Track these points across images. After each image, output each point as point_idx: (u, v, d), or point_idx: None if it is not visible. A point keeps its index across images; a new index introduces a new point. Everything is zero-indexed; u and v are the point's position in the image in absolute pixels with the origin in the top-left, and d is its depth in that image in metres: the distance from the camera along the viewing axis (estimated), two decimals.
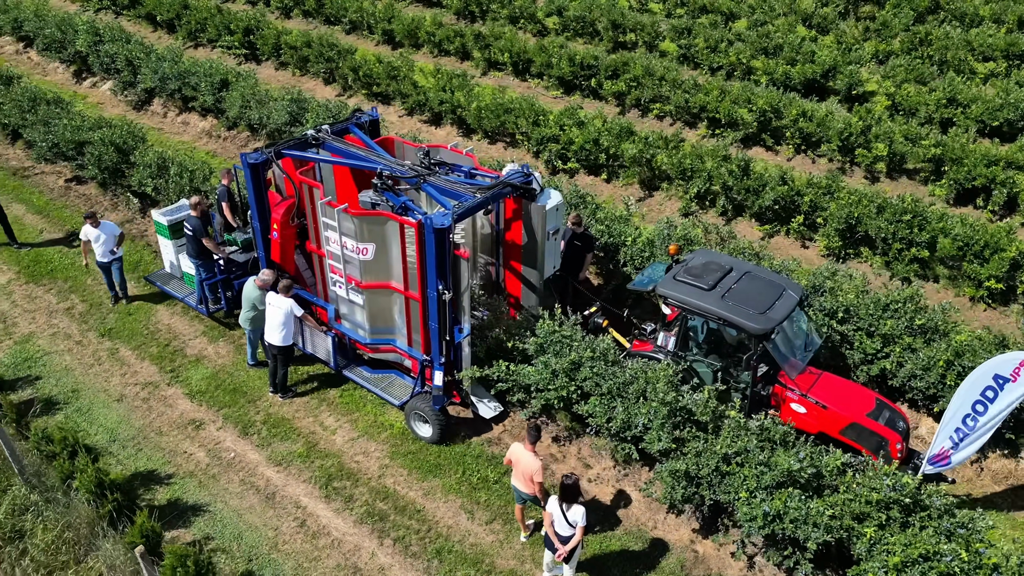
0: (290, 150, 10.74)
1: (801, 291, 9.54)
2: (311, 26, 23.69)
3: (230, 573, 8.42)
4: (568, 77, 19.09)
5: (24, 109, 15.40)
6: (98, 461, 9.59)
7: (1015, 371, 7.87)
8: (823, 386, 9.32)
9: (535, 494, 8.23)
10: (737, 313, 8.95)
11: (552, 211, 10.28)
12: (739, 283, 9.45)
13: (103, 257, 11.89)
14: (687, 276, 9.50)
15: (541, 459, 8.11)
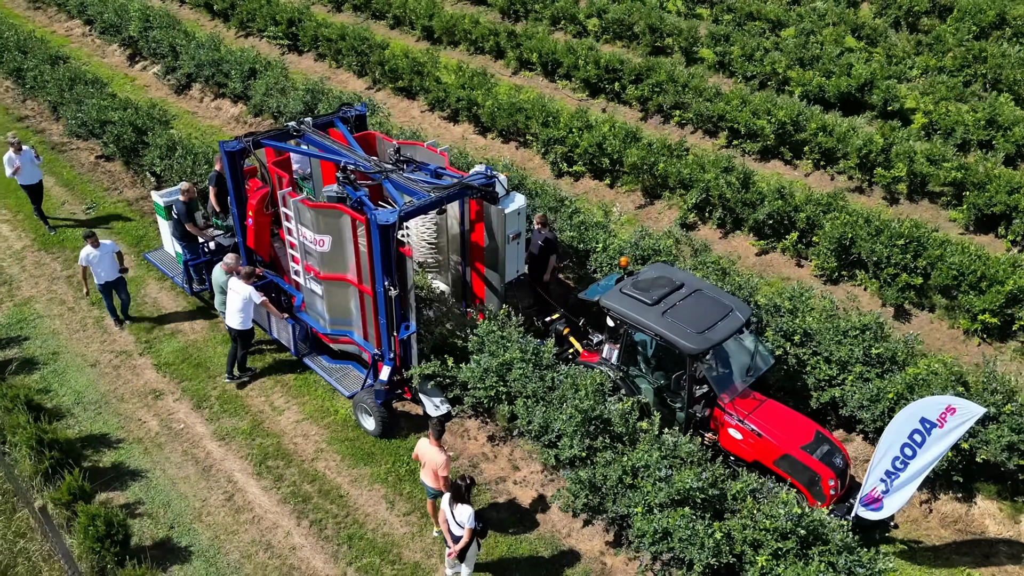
0: (269, 140, 11.10)
1: (749, 313, 9.26)
2: (359, 20, 24.32)
3: (150, 538, 8.84)
4: (593, 80, 18.96)
5: (63, 88, 16.46)
6: (59, 420, 10.24)
7: (941, 416, 7.42)
8: (763, 413, 9.01)
9: (441, 488, 8.32)
10: (673, 330, 8.76)
11: (512, 215, 10.27)
12: (685, 300, 9.24)
13: (108, 277, 11.51)
14: (633, 289, 9.36)
15: (447, 454, 8.19)
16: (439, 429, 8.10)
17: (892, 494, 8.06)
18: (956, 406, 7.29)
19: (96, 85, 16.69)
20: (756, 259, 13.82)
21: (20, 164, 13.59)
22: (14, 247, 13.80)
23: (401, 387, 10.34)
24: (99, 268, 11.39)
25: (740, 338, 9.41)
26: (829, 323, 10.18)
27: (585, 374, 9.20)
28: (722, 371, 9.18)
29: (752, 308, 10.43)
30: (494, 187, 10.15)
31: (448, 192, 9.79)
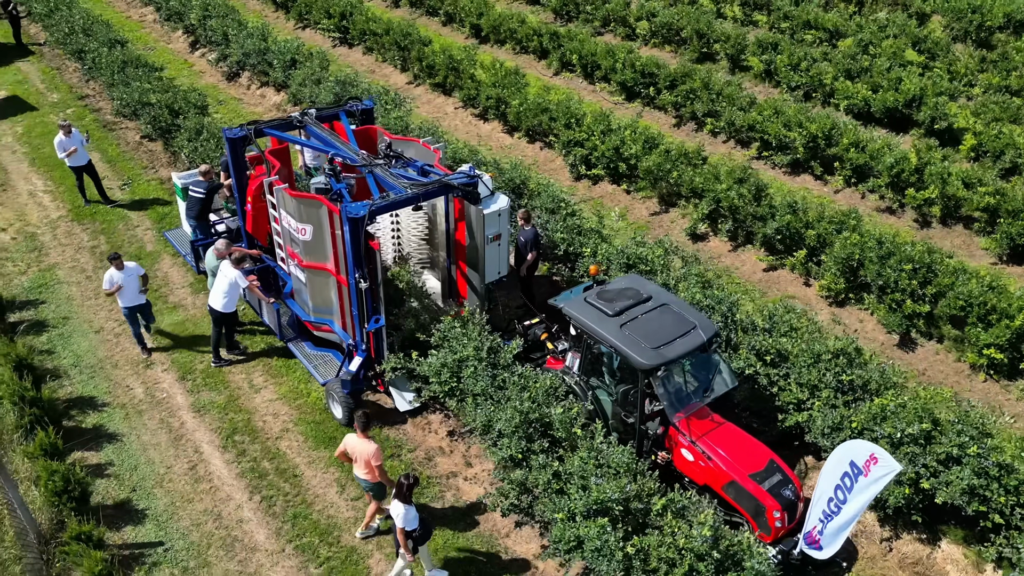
0: (271, 128, 11.48)
1: (713, 331, 8.97)
2: (413, 16, 24.80)
3: (112, 498, 9.35)
4: (630, 83, 18.76)
5: (115, 70, 17.46)
6: (55, 380, 10.93)
7: (866, 464, 7.04)
8: (717, 436, 8.70)
9: (377, 480, 8.47)
10: (628, 343, 8.60)
11: (492, 216, 10.27)
12: (648, 314, 9.04)
13: (133, 302, 11.09)
14: (598, 299, 9.23)
15: (376, 445, 8.33)
16: (364, 422, 8.24)
17: (828, 536, 7.70)
18: (878, 456, 6.90)
19: (145, 68, 17.61)
20: (763, 275, 13.41)
21: (75, 146, 14.23)
22: (51, 216, 14.75)
23: (372, 379, 10.53)
24: (123, 292, 10.97)
25: (704, 357, 9.16)
26: (804, 345, 9.79)
27: (537, 376, 9.17)
28: (678, 389, 8.94)
29: (720, 326, 10.15)
30: (475, 187, 10.17)
31: (426, 189, 9.89)
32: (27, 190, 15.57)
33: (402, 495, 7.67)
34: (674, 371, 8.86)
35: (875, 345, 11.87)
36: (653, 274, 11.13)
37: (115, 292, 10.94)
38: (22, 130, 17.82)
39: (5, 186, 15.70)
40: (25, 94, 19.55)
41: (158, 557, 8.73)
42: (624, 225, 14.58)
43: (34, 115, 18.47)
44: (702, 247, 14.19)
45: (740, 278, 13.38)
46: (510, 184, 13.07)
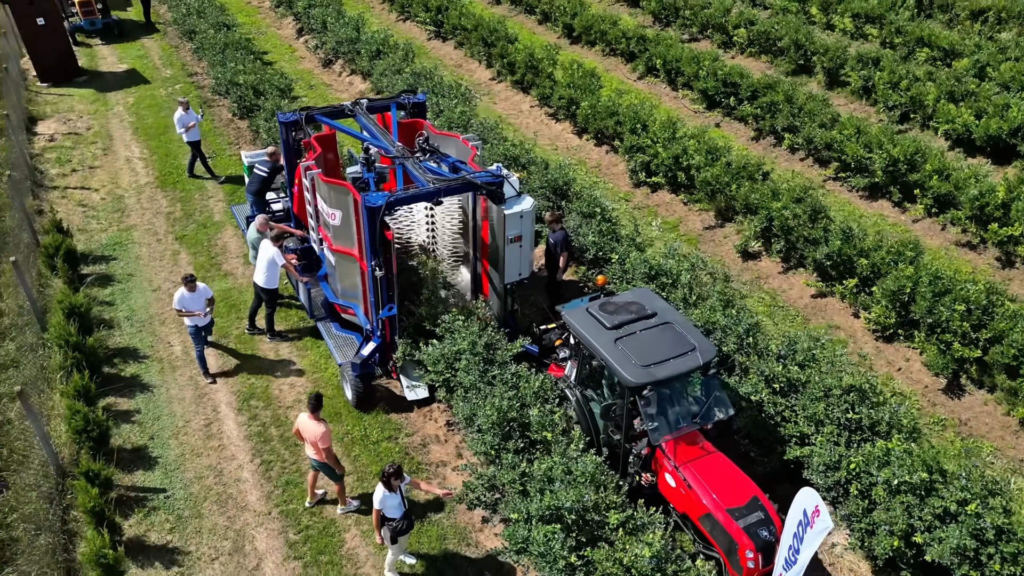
0: (322, 115, 11.95)
1: (711, 356, 8.60)
2: (513, 13, 25.09)
3: (131, 443, 10.13)
4: (711, 92, 18.27)
5: (215, 51, 18.73)
6: (109, 330, 11.92)
7: (813, 514, 6.61)
8: (703, 465, 8.38)
9: (324, 461, 8.75)
10: (618, 358, 8.39)
11: (513, 217, 10.26)
12: (647, 331, 8.78)
13: (200, 322, 10.86)
14: (599, 310, 9.04)
15: (327, 426, 8.60)
16: (314, 403, 8.54)
17: None
18: (821, 509, 6.46)
19: (244, 51, 18.77)
20: (810, 301, 12.77)
21: (193, 122, 15.19)
22: (140, 182, 16.03)
23: (383, 365, 10.82)
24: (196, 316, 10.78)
25: (701, 381, 8.85)
26: (817, 377, 9.27)
27: (530, 377, 9.17)
28: (668, 411, 8.64)
29: (735, 348, 9.77)
30: (499, 186, 10.18)
31: (448, 185, 9.98)
32: (125, 156, 16.98)
33: (384, 482, 7.87)
34: (664, 392, 8.59)
35: (918, 387, 11.10)
36: (675, 288, 10.86)
37: (185, 315, 10.75)
38: (133, 101, 19.42)
39: (108, 151, 17.19)
40: (143, 68, 21.28)
41: (158, 503, 9.38)
42: (666, 235, 14.25)
43: (146, 88, 20.08)
44: (752, 266, 13.67)
45: (785, 302, 12.80)
46: (552, 185, 13.05)
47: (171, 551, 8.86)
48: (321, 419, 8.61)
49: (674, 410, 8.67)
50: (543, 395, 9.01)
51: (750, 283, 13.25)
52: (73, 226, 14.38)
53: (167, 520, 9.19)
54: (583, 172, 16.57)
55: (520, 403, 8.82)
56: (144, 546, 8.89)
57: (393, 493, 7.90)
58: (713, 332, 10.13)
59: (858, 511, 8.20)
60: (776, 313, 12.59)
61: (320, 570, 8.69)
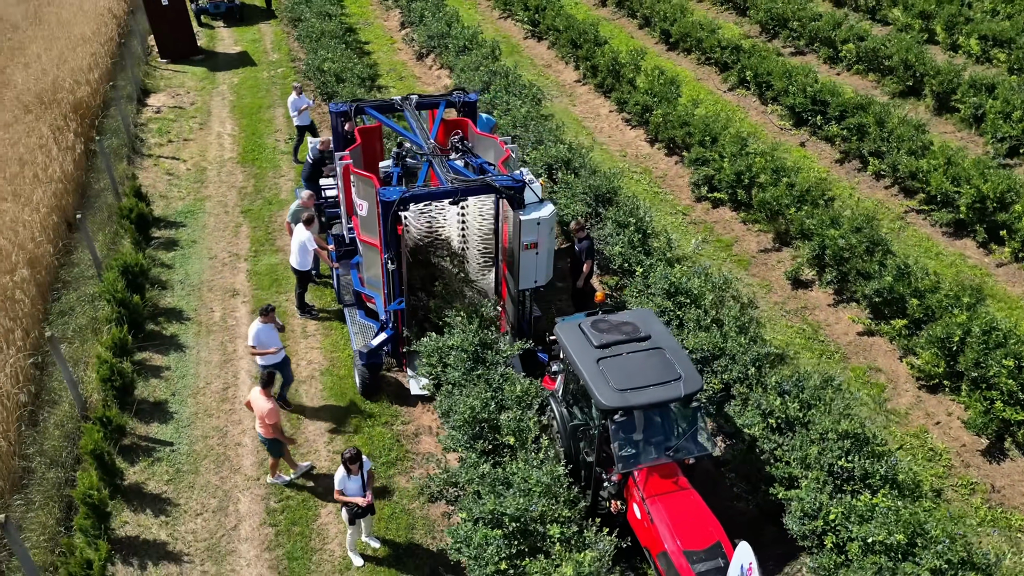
0: (371, 108, 12.25)
1: (696, 388, 8.15)
2: (616, 16, 24.84)
3: (153, 397, 10.91)
4: (799, 108, 17.41)
5: (312, 39, 19.70)
6: (163, 291, 12.87)
7: (748, 571, 6.18)
8: (671, 501, 8.00)
9: (269, 436, 9.05)
10: (595, 378, 8.14)
11: (529, 223, 10.12)
12: (634, 353, 8.46)
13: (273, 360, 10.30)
14: (591, 327, 8.79)
15: (274, 404, 8.93)
16: (265, 379, 8.90)
17: None
18: (754, 567, 6.03)
19: (338, 40, 19.62)
20: (856, 338, 11.98)
21: (306, 105, 15.90)
22: (224, 156, 17.14)
23: (396, 356, 11.04)
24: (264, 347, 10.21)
25: (683, 413, 8.42)
26: (819, 417, 8.69)
27: (516, 381, 9.12)
28: (642, 440, 8.30)
29: (740, 376, 9.30)
30: (519, 191, 10.07)
31: (467, 186, 9.98)
32: (217, 131, 18.19)
33: (344, 466, 8.11)
34: (640, 419, 8.26)
35: (954, 444, 10.18)
36: (692, 308, 10.46)
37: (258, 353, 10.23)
38: (237, 81, 20.75)
39: (203, 126, 18.47)
40: (253, 52, 22.67)
41: (163, 455, 10.07)
42: (711, 254, 13.72)
43: (252, 70, 21.40)
44: (801, 295, 12.94)
45: (827, 336, 12.05)
46: (594, 191, 12.85)
47: (163, 501, 9.50)
48: (270, 396, 8.95)
49: (649, 440, 8.31)
50: (526, 401, 8.94)
51: (793, 312, 12.55)
52: (156, 193, 15.59)
53: (167, 472, 9.85)
54: (645, 182, 16.22)
55: (499, 405, 8.81)
56: (141, 492, 9.58)
57: (353, 476, 8.11)
58: (719, 358, 9.71)
59: (829, 565, 7.64)
60: (814, 347, 11.87)
61: (290, 539, 9.06)
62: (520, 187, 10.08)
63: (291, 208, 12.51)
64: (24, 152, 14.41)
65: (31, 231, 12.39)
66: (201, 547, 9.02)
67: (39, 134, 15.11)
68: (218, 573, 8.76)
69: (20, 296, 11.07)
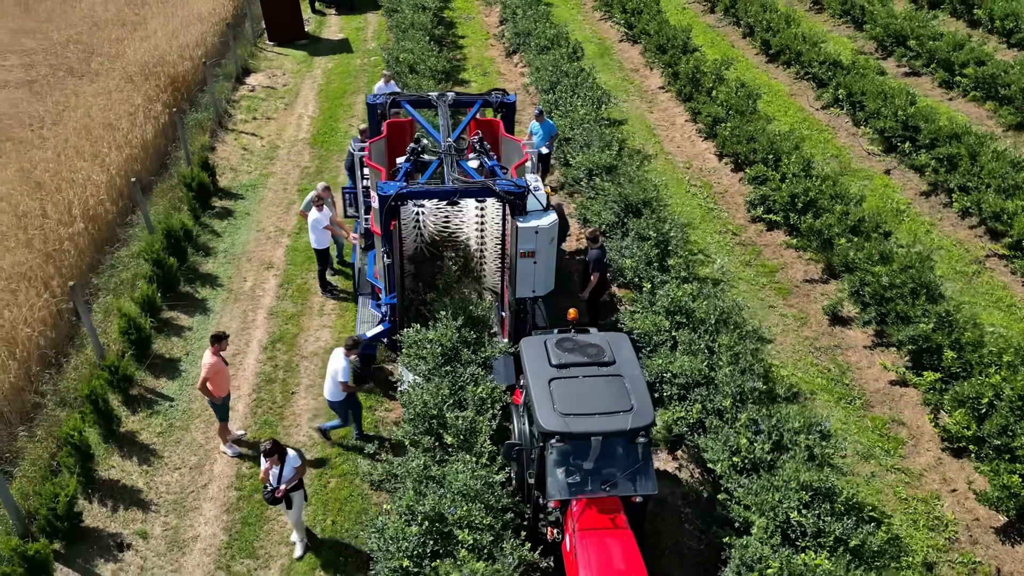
0: (406, 102, 12.35)
1: (645, 423, 7.70)
2: (721, 24, 23.91)
3: (169, 354, 11.61)
4: (889, 133, 16.15)
5: (400, 30, 20.24)
6: (206, 256, 13.68)
7: None
8: (600, 539, 7.58)
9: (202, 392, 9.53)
10: (541, 399, 7.88)
11: (526, 231, 9.88)
12: (590, 378, 8.11)
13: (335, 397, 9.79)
14: (555, 345, 8.51)
15: (213, 361, 9.37)
16: (214, 337, 9.38)
17: None
18: None
19: (422, 31, 20.05)
20: (886, 387, 11.03)
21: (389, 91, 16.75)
22: (297, 136, 17.95)
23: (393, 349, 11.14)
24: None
25: (631, 449, 7.87)
26: (784, 463, 8.03)
27: (485, 384, 9.00)
28: (583, 470, 7.87)
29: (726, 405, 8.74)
30: (520, 197, 9.83)
31: (467, 188, 9.85)
32: (299, 113, 19.08)
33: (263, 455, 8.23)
34: (582, 448, 7.85)
35: (967, 517, 9.17)
36: (690, 329, 9.92)
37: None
38: (332, 67, 21.66)
39: (289, 107, 19.42)
40: (354, 40, 23.58)
41: (162, 408, 10.71)
42: (749, 279, 12.96)
43: (347, 56, 22.28)
44: (837, 332, 12.00)
45: (854, 380, 11.12)
46: (624, 200, 12.44)
47: (150, 451, 10.11)
48: (216, 354, 9.29)
49: (589, 470, 7.90)
50: (488, 406, 8.80)
51: (823, 350, 11.66)
52: (228, 165, 16.57)
53: (160, 425, 10.47)
54: (702, 196, 15.54)
55: (458, 404, 8.73)
56: (133, 440, 10.23)
57: (275, 467, 8.18)
58: (701, 386, 9.17)
59: None
60: (835, 390, 10.98)
61: (249, 505, 9.41)
62: (521, 193, 9.86)
63: (307, 198, 12.92)
64: (113, 118, 15.71)
65: (98, 189, 13.50)
66: (170, 499, 9.53)
67: (132, 103, 16.42)
68: (178, 526, 9.23)
69: (68, 247, 12.08)
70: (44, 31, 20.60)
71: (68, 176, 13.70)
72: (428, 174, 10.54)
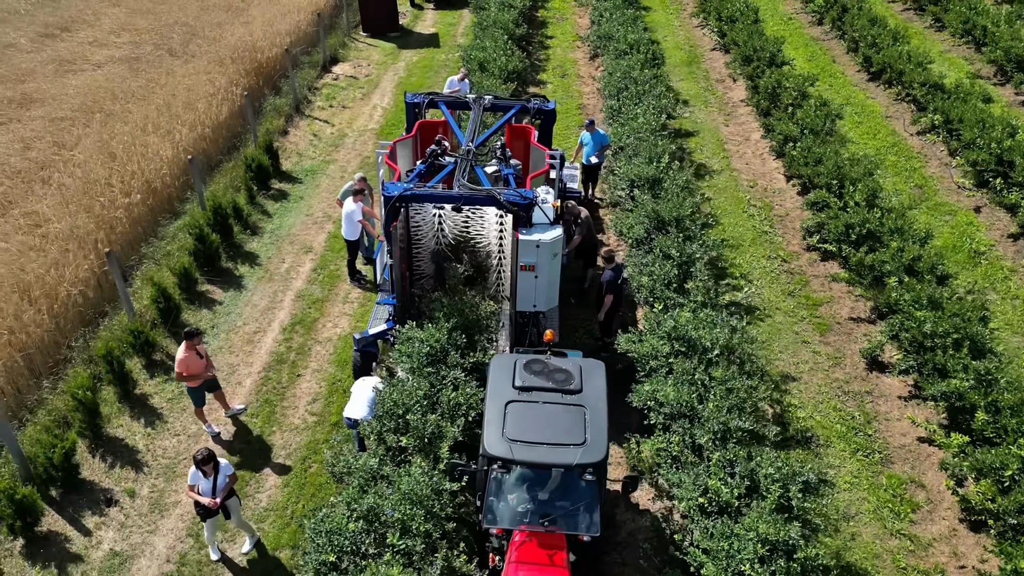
0: (442, 102, 12.28)
1: (594, 460, 7.35)
2: (827, 37, 22.60)
3: (196, 323, 12.17)
4: (982, 166, 14.79)
5: (481, 27, 20.30)
6: (253, 236, 14.26)
7: None
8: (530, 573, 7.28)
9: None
10: (493, 421, 7.68)
11: (527, 244, 9.64)
12: (550, 405, 7.79)
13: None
14: (524, 366, 8.24)
15: (183, 356, 9.54)
16: (185, 334, 9.55)
17: None
18: None
19: (502, 30, 20.04)
20: (912, 443, 10.14)
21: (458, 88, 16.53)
22: (366, 127, 18.39)
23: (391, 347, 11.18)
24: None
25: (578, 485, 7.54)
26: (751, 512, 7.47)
27: (465, 389, 8.90)
28: (525, 500, 7.64)
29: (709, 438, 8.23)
30: (524, 209, 9.59)
31: (471, 195, 9.70)
32: (374, 104, 19.54)
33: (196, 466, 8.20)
34: (527, 476, 7.61)
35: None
36: (686, 358, 9.41)
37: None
38: (416, 60, 22.06)
39: (365, 97, 19.94)
40: (444, 35, 23.90)
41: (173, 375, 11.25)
42: (788, 310, 12.17)
43: (433, 51, 22.61)
44: (872, 378, 11.11)
45: (876, 432, 10.26)
46: (654, 217, 11.95)
47: (157, 415, 10.64)
48: (190, 349, 9.51)
49: (531, 502, 7.62)
50: (461, 412, 8.69)
51: (852, 395, 10.79)
52: (296, 150, 17.20)
53: (172, 391, 11.00)
54: (758, 218, 14.73)
55: (431, 406, 8.68)
56: (144, 403, 10.81)
57: (207, 477, 8.21)
58: (683, 418, 8.68)
59: None
60: (854, 440, 10.15)
61: None
62: (526, 205, 9.60)
63: (344, 187, 13.14)
64: (194, 98, 16.64)
65: (163, 164, 14.34)
66: (164, 463, 10.00)
67: (216, 85, 17.33)
68: (164, 490, 9.67)
69: (120, 215, 12.90)
70: (157, 12, 22.09)
71: (140, 150, 14.63)
72: (438, 178, 10.48)
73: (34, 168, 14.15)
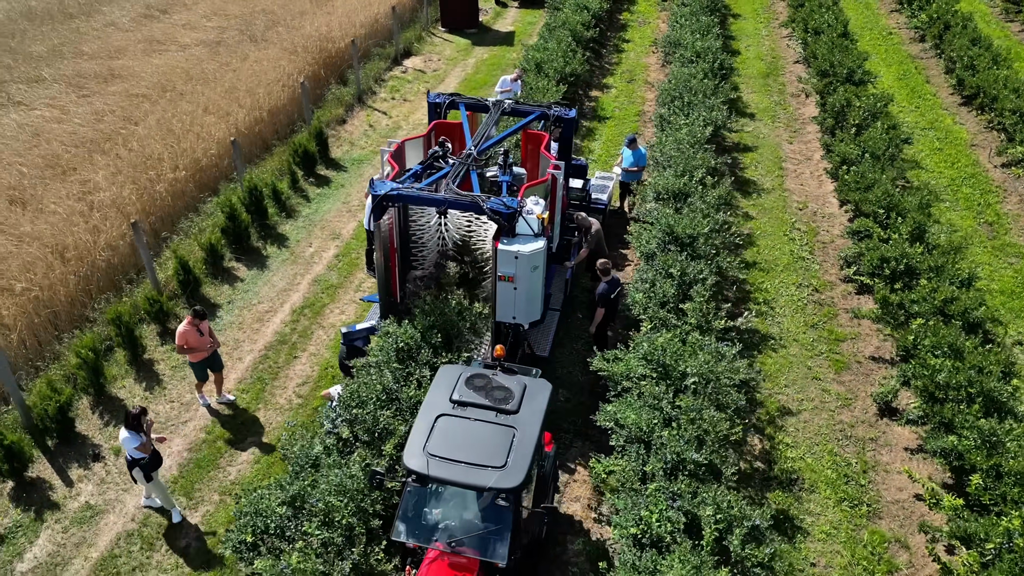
0: (462, 103, 12.12)
1: (511, 485, 7.08)
2: (924, 55, 21.08)
3: (214, 299, 12.71)
4: None
5: (549, 29, 20.14)
6: (288, 219, 14.76)
7: None
8: None
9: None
10: (419, 433, 7.55)
11: (506, 255, 9.39)
12: (482, 423, 7.57)
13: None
14: (466, 380, 8.04)
15: (183, 330, 9.89)
16: (192, 312, 9.84)
17: None
18: None
19: (570, 30, 19.81)
20: (908, 500, 9.36)
21: (509, 87, 16.54)
22: (422, 120, 18.61)
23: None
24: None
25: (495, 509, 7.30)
26: (683, 552, 7.08)
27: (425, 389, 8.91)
28: (439, 518, 7.50)
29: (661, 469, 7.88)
30: (507, 219, 9.38)
31: (456, 199, 9.59)
32: None
33: (128, 423, 8.45)
34: (442, 495, 7.49)
35: None
36: (656, 384, 9.00)
37: None
38: (486, 58, 22.15)
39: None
40: (521, 34, 23.85)
41: None
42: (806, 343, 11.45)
43: (505, 49, 22.63)
44: (882, 426, 10.34)
45: (871, 484, 9.53)
46: (667, 231, 11.49)
47: (158, 381, 11.20)
48: (192, 324, 9.86)
49: (444, 521, 7.48)
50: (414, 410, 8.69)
51: (854, 441, 10.04)
52: (349, 138, 17.66)
53: (177, 360, 11.53)
54: (799, 242, 13.93)
55: (389, 400, 8.72)
56: (150, 368, 11.40)
57: (136, 434, 8.47)
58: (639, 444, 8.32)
59: None
60: (843, 490, 9.44)
61: (210, 449, 10.12)
62: (508, 215, 9.41)
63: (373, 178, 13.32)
64: (258, 84, 17.37)
65: (211, 143, 15.06)
66: (153, 427, 10.50)
67: (282, 71, 18.03)
68: None
69: (161, 189, 13.64)
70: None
71: (196, 129, 15.42)
72: (431, 180, 10.40)
73: (100, 139, 15.16)
